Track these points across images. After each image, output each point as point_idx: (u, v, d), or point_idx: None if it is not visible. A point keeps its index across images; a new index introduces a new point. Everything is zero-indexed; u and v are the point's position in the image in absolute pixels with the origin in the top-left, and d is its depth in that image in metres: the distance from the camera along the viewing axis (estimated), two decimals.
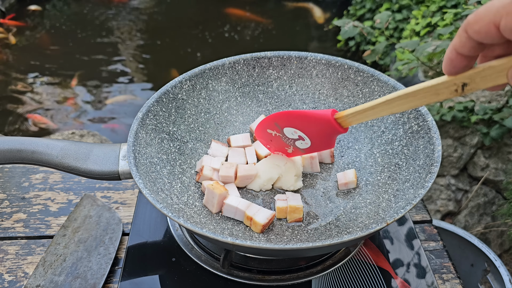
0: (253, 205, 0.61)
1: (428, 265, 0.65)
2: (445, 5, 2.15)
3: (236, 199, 0.62)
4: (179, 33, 3.09)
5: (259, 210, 0.60)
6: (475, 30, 0.35)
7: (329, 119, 0.54)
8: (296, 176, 0.67)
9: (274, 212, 0.61)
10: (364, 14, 2.72)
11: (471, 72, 0.39)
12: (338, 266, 0.64)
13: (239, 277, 0.62)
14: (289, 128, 0.61)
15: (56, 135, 2.01)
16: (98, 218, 0.73)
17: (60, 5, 3.42)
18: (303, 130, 0.59)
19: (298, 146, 0.63)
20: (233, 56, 0.75)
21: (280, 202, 0.63)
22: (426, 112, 0.63)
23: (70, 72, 2.64)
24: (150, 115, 0.66)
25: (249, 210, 0.60)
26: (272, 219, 0.60)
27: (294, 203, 0.62)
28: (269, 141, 0.66)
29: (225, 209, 0.62)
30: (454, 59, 0.38)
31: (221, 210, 0.63)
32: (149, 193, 0.54)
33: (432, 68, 1.12)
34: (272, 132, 0.64)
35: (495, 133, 1.40)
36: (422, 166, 0.59)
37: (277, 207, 0.62)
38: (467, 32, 0.36)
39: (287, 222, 0.62)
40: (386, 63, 2.38)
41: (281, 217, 0.63)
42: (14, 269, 0.68)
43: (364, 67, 0.71)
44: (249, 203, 0.61)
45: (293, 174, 0.66)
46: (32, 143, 0.61)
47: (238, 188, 0.67)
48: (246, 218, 0.60)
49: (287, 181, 0.66)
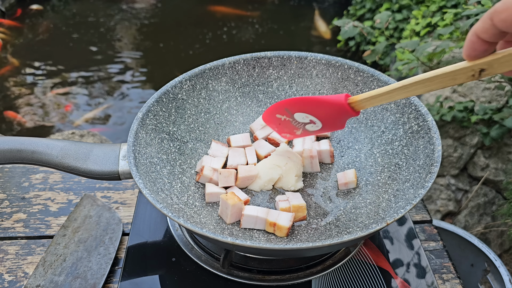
0: (271, 210, 0.60)
1: (428, 265, 0.65)
2: (445, 5, 2.15)
3: (254, 208, 0.60)
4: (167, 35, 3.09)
5: (279, 214, 0.60)
6: (501, 19, 0.35)
7: (342, 104, 0.54)
8: (297, 177, 0.67)
9: (293, 213, 0.61)
10: (364, 14, 2.72)
11: (490, 59, 0.39)
12: (338, 266, 0.64)
13: (239, 277, 0.62)
14: (301, 113, 0.61)
15: (56, 135, 2.01)
16: (98, 218, 0.73)
17: (59, 5, 3.42)
18: (314, 115, 0.59)
19: (308, 129, 0.63)
20: (232, 56, 0.75)
21: (283, 203, 0.62)
22: (426, 112, 0.63)
23: (69, 72, 2.64)
24: (150, 115, 0.66)
25: (270, 216, 0.59)
26: (293, 220, 0.60)
27: (296, 202, 0.62)
28: (278, 125, 0.66)
29: (244, 220, 0.60)
30: (475, 43, 0.38)
31: (239, 222, 0.61)
32: (149, 193, 0.54)
33: (432, 68, 1.12)
34: (281, 117, 0.64)
35: (495, 133, 1.40)
36: (422, 166, 0.59)
37: (280, 208, 0.62)
38: (492, 20, 0.36)
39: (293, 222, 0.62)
40: (386, 63, 2.38)
41: None
42: (14, 269, 0.68)
43: (364, 67, 0.71)
44: (267, 210, 0.60)
45: (293, 174, 0.66)
46: (32, 143, 0.60)
47: (239, 189, 0.67)
48: (269, 224, 0.59)
49: (288, 182, 0.66)
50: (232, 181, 0.66)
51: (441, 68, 0.43)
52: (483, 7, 0.94)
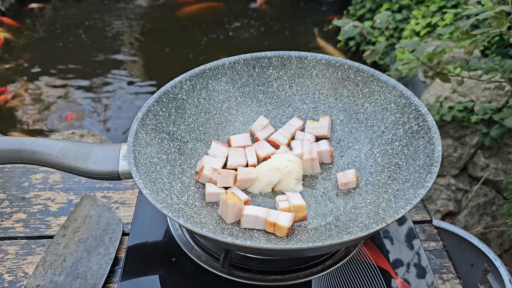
0: (272, 210, 0.60)
1: (428, 265, 0.65)
2: (445, 5, 2.15)
3: (254, 208, 0.60)
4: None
5: (279, 214, 0.59)
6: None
7: None
8: (297, 180, 0.67)
9: (293, 213, 0.61)
10: (364, 14, 2.72)
11: None
12: (338, 266, 0.64)
13: (239, 277, 0.62)
14: None
15: (56, 135, 2.01)
16: (98, 218, 0.73)
17: (60, 5, 3.42)
18: None
19: None
20: (232, 56, 0.75)
21: (283, 203, 0.62)
22: (426, 112, 0.63)
23: (69, 72, 2.64)
24: (150, 115, 0.66)
25: (270, 216, 0.59)
26: (293, 220, 0.60)
27: (296, 202, 0.62)
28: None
29: (244, 220, 0.60)
30: None
31: (239, 222, 0.61)
32: (149, 193, 0.54)
33: (432, 68, 1.12)
34: None
35: (495, 133, 1.41)
36: (422, 166, 0.59)
37: (280, 208, 0.62)
38: None
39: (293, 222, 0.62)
40: (386, 63, 2.38)
41: None
42: (14, 269, 0.68)
43: (364, 67, 0.71)
44: (267, 210, 0.60)
45: (293, 178, 0.66)
46: (32, 143, 0.61)
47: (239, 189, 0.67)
48: (269, 224, 0.59)
49: (287, 185, 0.66)
50: (231, 181, 0.66)
51: None
52: (483, 7, 0.94)
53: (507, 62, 1.06)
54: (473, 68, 1.17)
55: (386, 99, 0.69)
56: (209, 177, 0.66)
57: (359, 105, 0.73)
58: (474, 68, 1.17)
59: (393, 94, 0.68)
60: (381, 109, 0.70)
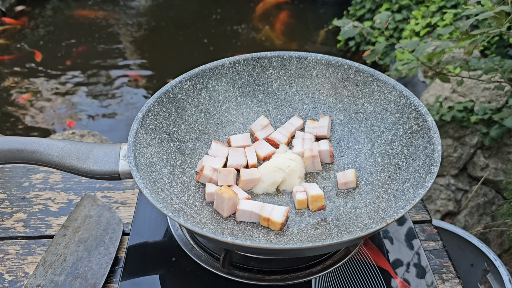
0: (266, 205, 0.61)
1: (428, 265, 0.66)
2: (445, 5, 2.15)
3: (249, 203, 0.61)
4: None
5: (273, 208, 0.60)
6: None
7: None
8: (300, 178, 0.67)
9: (287, 207, 0.62)
10: (364, 14, 2.72)
11: None
12: (338, 266, 0.64)
13: (239, 277, 0.62)
14: None
15: (56, 135, 2.01)
16: (99, 218, 0.73)
17: (58, 6, 3.42)
18: None
19: None
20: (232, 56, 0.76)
21: (300, 194, 0.63)
22: (426, 112, 0.63)
23: (69, 72, 2.64)
24: (150, 115, 0.66)
25: (264, 211, 0.60)
26: (287, 214, 0.61)
27: (314, 192, 0.62)
28: None
29: (239, 214, 0.61)
30: None
31: (234, 216, 0.62)
32: (149, 193, 0.54)
33: (431, 68, 1.12)
34: None
35: (495, 133, 1.41)
36: (422, 166, 0.59)
37: (298, 199, 0.63)
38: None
39: (311, 212, 0.63)
40: (386, 63, 2.38)
41: (302, 208, 0.64)
42: (15, 269, 0.68)
43: (364, 67, 0.71)
44: (262, 204, 0.61)
45: (296, 176, 0.66)
46: (32, 143, 0.61)
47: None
48: (263, 219, 0.60)
49: (291, 184, 0.66)
50: (232, 180, 0.66)
51: None
52: (482, 7, 0.94)
53: (507, 62, 1.06)
54: (473, 68, 1.18)
55: (386, 99, 0.69)
56: (209, 177, 0.66)
57: (359, 105, 0.73)
58: (473, 68, 1.18)
59: (393, 94, 0.68)
60: (381, 109, 0.70)
